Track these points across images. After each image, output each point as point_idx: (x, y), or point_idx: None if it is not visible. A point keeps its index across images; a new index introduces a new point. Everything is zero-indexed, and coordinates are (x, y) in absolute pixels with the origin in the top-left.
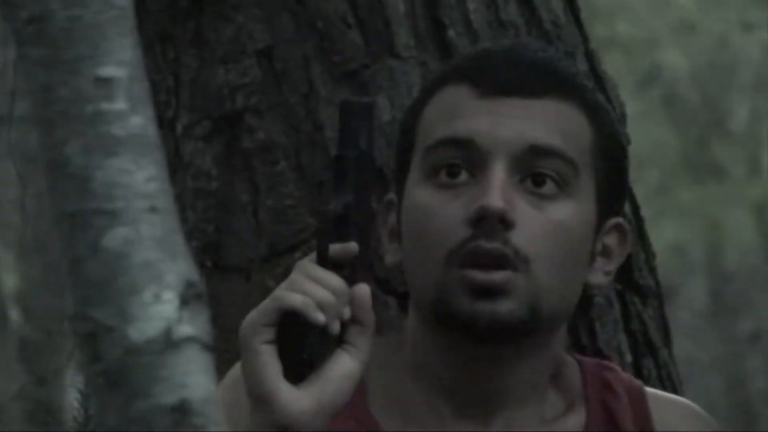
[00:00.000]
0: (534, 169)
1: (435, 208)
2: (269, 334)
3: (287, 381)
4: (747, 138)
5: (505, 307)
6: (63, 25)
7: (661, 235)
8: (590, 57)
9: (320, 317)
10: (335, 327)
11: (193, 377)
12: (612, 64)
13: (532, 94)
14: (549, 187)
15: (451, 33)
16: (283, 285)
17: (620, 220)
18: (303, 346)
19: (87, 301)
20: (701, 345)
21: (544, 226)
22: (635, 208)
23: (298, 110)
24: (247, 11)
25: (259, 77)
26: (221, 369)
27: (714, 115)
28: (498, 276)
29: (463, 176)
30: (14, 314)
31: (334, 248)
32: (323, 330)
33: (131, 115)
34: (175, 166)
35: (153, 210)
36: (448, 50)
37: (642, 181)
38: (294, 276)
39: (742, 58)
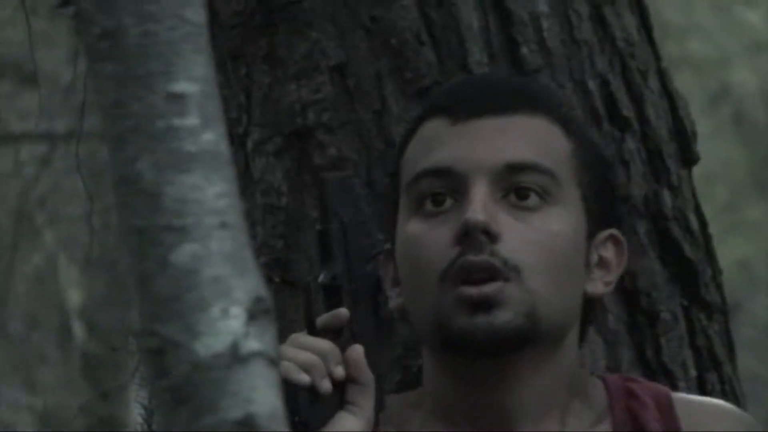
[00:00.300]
0: (515, 184)
1: (424, 237)
2: None
3: None
4: None
5: (501, 318)
6: (136, 41)
7: (728, 252)
8: (662, 75)
9: (303, 377)
10: (324, 385)
11: (260, 392)
12: (683, 83)
13: (503, 112)
14: (532, 199)
15: (524, 50)
16: None
17: (614, 231)
18: (294, 410)
19: (155, 316)
20: (765, 360)
21: (531, 236)
22: (703, 225)
23: (370, 127)
24: (320, 28)
25: (332, 94)
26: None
27: None
28: (490, 288)
29: (448, 203)
30: (78, 329)
31: (324, 317)
32: (316, 392)
33: (203, 131)
34: (246, 182)
35: (223, 226)
36: (521, 67)
37: (710, 198)
38: (281, 347)
39: None
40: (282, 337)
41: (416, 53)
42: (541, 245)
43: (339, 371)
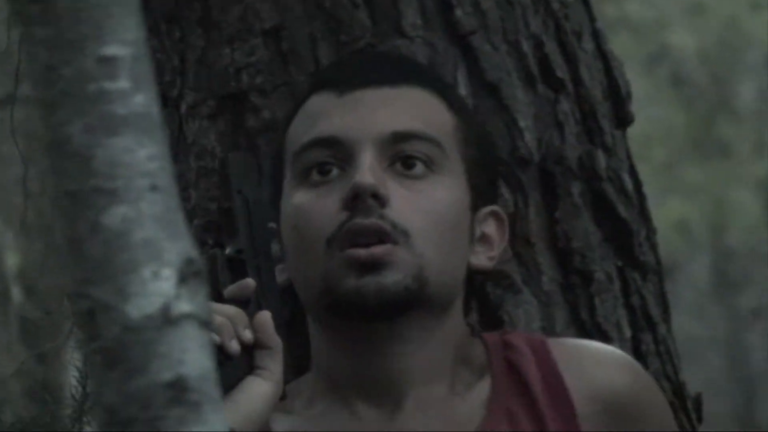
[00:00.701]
0: (401, 152)
1: (310, 205)
2: None
3: None
4: (753, 117)
5: (390, 278)
6: (67, 5)
7: (666, 213)
8: (597, 36)
9: (213, 337)
10: (233, 346)
11: (191, 354)
12: (621, 44)
13: (388, 83)
14: (419, 168)
15: (458, 12)
16: None
17: (496, 207)
18: None
19: (86, 279)
20: (703, 321)
21: (419, 202)
22: (637, 185)
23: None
24: None
25: (266, 56)
26: None
27: (721, 94)
28: (379, 249)
29: (335, 173)
30: (16, 293)
31: (231, 288)
32: (225, 355)
33: (134, 94)
34: (179, 145)
35: (154, 188)
36: (455, 29)
37: (648, 159)
38: None
39: (750, 38)
40: (214, 299)
41: (350, 15)
42: (428, 211)
43: (247, 334)
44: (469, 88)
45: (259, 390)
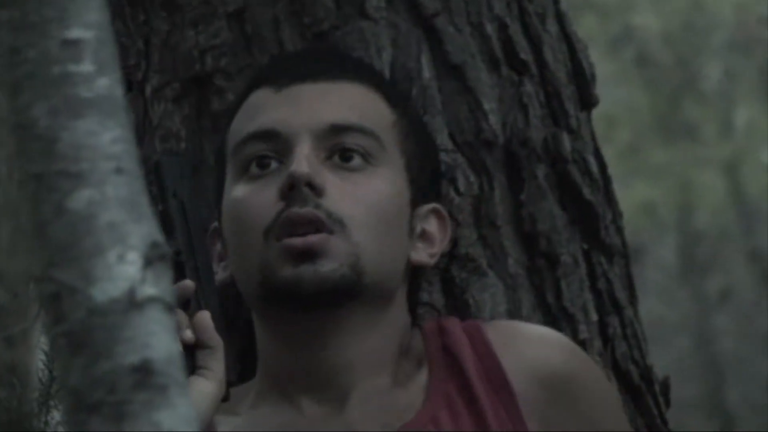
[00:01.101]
0: (339, 145)
1: (249, 198)
2: None
3: None
4: (719, 99)
5: (326, 266)
6: None
7: (632, 195)
8: (560, 18)
9: None
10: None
11: (156, 337)
12: (586, 26)
13: (326, 78)
14: (356, 161)
15: None
16: None
17: (437, 205)
18: None
19: (51, 262)
20: (670, 304)
21: (355, 193)
22: (602, 167)
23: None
24: None
25: (230, 39)
26: None
27: (686, 75)
28: (315, 238)
29: (273, 166)
30: None
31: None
32: None
33: (98, 77)
34: (145, 129)
35: (118, 171)
36: (417, 11)
37: (613, 141)
38: None
39: (715, 19)
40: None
41: None
42: (365, 202)
43: (188, 335)
44: (433, 71)
45: (202, 389)
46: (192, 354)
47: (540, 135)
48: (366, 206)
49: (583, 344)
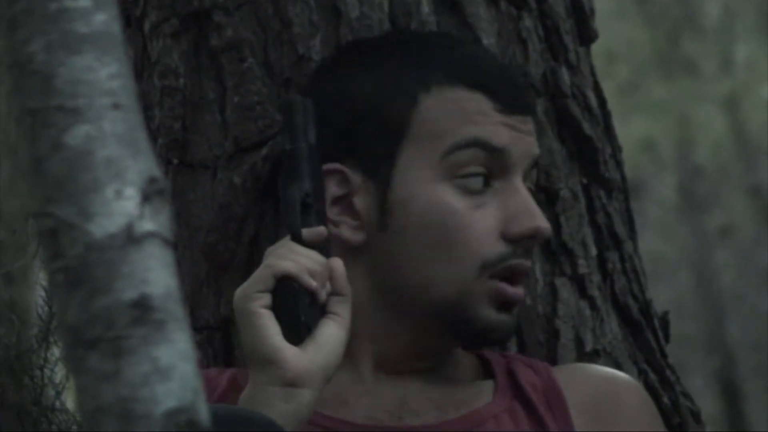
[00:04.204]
0: (530, 186)
1: (469, 217)
2: (266, 299)
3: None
4: (718, 34)
5: (514, 319)
6: None
7: (631, 131)
8: None
9: (312, 282)
10: (323, 294)
11: (154, 273)
12: None
13: (530, 113)
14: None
15: None
16: (270, 258)
17: None
18: (299, 310)
19: (49, 198)
20: (670, 240)
21: None
22: (602, 102)
23: (267, 7)
24: None
25: None
26: (185, 265)
27: (686, 11)
28: (521, 290)
29: (495, 185)
30: None
31: (307, 232)
32: (312, 298)
33: (95, 12)
34: (143, 65)
35: (116, 107)
36: None
37: (612, 77)
38: (281, 250)
39: None
40: (180, 218)
41: None
42: None
43: (328, 284)
44: (432, 6)
45: (333, 333)
46: (314, 300)
47: (539, 70)
48: None
49: (582, 279)
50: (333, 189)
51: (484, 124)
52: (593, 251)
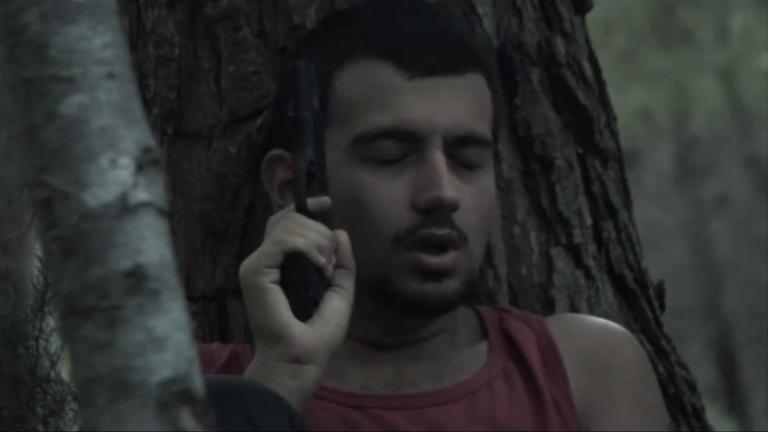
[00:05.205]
0: (463, 156)
1: (375, 188)
2: (275, 275)
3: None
4: (715, 3)
5: (451, 286)
6: None
7: (628, 100)
8: None
9: (321, 259)
10: (330, 269)
11: (149, 242)
12: None
13: (456, 71)
14: (474, 166)
15: None
16: (278, 231)
17: None
18: (308, 286)
19: (43, 167)
20: (666, 209)
21: (474, 200)
22: (597, 72)
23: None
24: None
25: None
26: (180, 234)
27: None
28: (448, 258)
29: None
30: None
31: (312, 202)
32: (320, 273)
33: None
34: (138, 34)
35: (110, 76)
36: None
37: (609, 46)
38: (288, 223)
39: None
40: (175, 188)
41: None
42: (480, 210)
43: (334, 257)
44: None
45: (337, 305)
46: (322, 275)
47: (534, 39)
48: (481, 215)
49: (577, 248)
50: (280, 174)
51: (393, 104)
52: (588, 221)
